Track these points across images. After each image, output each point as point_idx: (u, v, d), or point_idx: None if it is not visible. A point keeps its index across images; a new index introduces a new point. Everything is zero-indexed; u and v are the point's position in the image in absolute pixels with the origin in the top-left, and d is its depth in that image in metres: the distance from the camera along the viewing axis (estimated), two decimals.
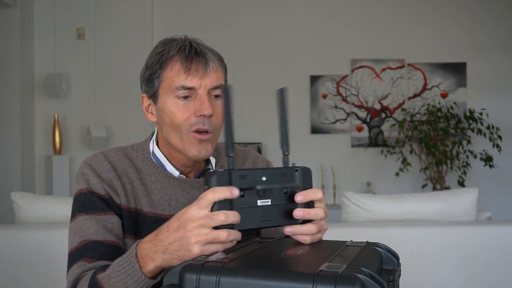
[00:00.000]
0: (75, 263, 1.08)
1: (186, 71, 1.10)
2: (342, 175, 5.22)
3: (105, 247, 1.10)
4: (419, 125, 4.93)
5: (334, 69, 5.30)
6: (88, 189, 1.14)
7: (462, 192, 2.57)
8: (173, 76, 1.11)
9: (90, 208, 1.13)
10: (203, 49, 1.13)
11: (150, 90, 1.16)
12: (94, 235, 1.10)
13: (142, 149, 1.22)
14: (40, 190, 4.94)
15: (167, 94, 1.12)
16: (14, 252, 2.34)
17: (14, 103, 4.68)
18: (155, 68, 1.13)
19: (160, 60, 1.12)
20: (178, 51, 1.12)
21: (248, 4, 5.31)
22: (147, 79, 1.16)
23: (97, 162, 1.17)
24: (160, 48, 1.14)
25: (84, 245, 1.09)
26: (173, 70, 1.11)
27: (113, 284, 0.97)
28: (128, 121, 4.92)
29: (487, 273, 2.37)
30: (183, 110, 1.11)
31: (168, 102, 1.12)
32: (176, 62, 1.11)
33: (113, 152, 1.20)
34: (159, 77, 1.13)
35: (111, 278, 0.98)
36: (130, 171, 1.18)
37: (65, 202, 2.51)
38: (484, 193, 3.22)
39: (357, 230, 2.39)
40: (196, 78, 1.10)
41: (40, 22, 4.98)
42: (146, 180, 1.18)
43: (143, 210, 1.17)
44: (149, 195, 1.17)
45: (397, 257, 0.94)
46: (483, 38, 5.26)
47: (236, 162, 1.30)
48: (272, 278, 0.76)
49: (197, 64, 1.11)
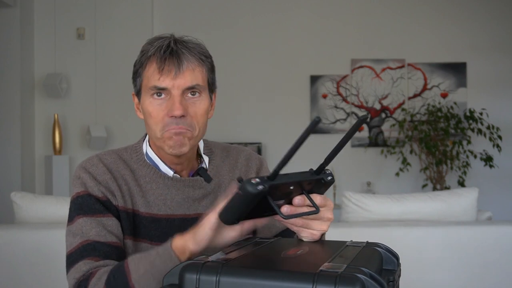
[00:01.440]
0: (78, 261, 1.07)
1: (160, 71, 1.11)
2: (342, 175, 5.22)
3: (108, 247, 1.09)
4: (419, 125, 4.93)
5: (334, 69, 5.30)
6: (85, 192, 1.14)
7: (462, 192, 2.57)
8: (149, 76, 1.13)
9: (89, 210, 1.12)
10: (181, 49, 1.12)
11: (135, 88, 1.19)
12: (95, 237, 1.10)
13: (136, 151, 1.23)
14: (40, 190, 4.94)
15: (145, 93, 1.14)
16: (14, 252, 2.34)
17: (14, 103, 4.68)
18: (137, 67, 1.17)
19: (141, 60, 1.15)
20: (155, 51, 1.12)
21: (248, 4, 5.31)
22: (132, 78, 1.19)
23: (92, 165, 1.17)
24: (144, 47, 1.16)
25: (86, 245, 1.09)
26: (149, 70, 1.13)
27: (137, 263, 0.98)
28: (128, 121, 4.91)
29: (487, 273, 2.37)
30: (158, 110, 1.12)
31: (146, 101, 1.14)
32: (152, 62, 1.13)
33: (107, 155, 1.21)
34: (140, 76, 1.16)
35: (141, 260, 0.99)
36: (125, 173, 1.18)
37: (65, 202, 2.51)
38: (484, 193, 3.21)
39: (357, 230, 2.39)
40: (168, 79, 1.11)
41: (40, 22, 4.97)
42: (141, 181, 1.19)
43: (140, 211, 1.17)
44: (144, 196, 1.17)
45: (397, 257, 0.94)
46: (483, 38, 5.26)
47: (229, 161, 1.29)
48: (272, 278, 0.76)
49: (170, 64, 1.11)
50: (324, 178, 0.96)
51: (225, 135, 4.89)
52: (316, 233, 0.97)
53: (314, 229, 0.97)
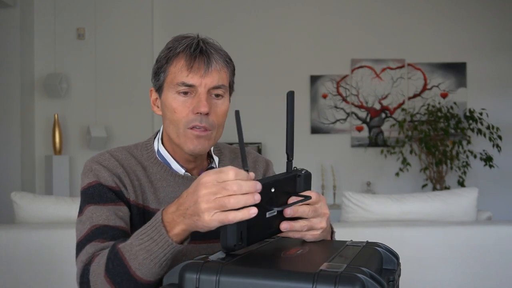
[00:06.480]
0: (86, 245, 1.06)
1: (189, 68, 1.13)
2: (342, 175, 5.22)
3: (117, 231, 1.08)
4: (419, 125, 4.93)
5: (334, 69, 5.29)
6: (97, 182, 1.13)
7: (462, 192, 2.57)
8: (176, 72, 1.14)
9: (100, 199, 1.12)
10: (209, 49, 1.15)
11: (157, 84, 1.19)
12: (105, 221, 1.09)
13: (147, 148, 1.24)
14: (40, 190, 4.93)
15: (170, 89, 1.15)
16: (14, 252, 2.34)
17: (14, 103, 4.67)
18: (162, 63, 1.16)
19: (167, 55, 1.16)
20: (184, 48, 1.14)
21: (248, 4, 5.31)
22: (155, 73, 1.19)
23: (104, 160, 1.17)
24: (170, 44, 1.17)
25: (95, 229, 1.08)
26: (177, 66, 1.14)
27: (135, 253, 0.95)
28: (128, 121, 4.91)
29: (487, 273, 2.37)
30: (183, 106, 1.14)
31: (170, 97, 1.15)
32: (180, 59, 1.14)
33: (118, 151, 1.21)
34: (165, 72, 1.16)
35: (133, 247, 0.95)
36: (136, 168, 1.19)
37: (65, 202, 2.51)
38: (484, 193, 3.21)
39: (357, 230, 2.39)
40: (197, 76, 1.13)
41: (40, 22, 4.97)
42: (152, 178, 1.20)
43: (150, 207, 1.17)
44: (155, 193, 1.19)
45: (397, 257, 0.94)
46: (483, 38, 5.26)
47: (237, 162, 1.32)
48: (272, 278, 0.76)
49: (200, 62, 1.13)
50: (299, 173, 0.98)
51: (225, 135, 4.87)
52: (317, 232, 1.00)
53: (316, 228, 1.00)
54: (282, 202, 0.95)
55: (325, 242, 1.01)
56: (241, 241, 0.86)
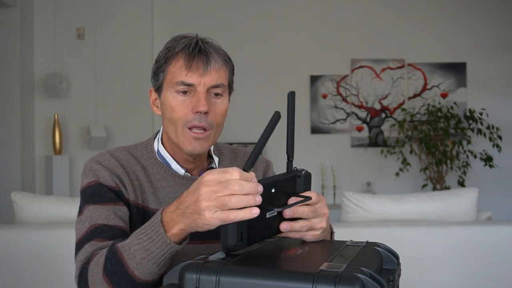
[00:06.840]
0: (85, 245, 1.06)
1: (187, 67, 1.13)
2: (342, 175, 5.22)
3: (116, 230, 1.08)
4: (419, 125, 4.93)
5: (334, 69, 5.29)
6: (97, 181, 1.14)
7: (462, 192, 2.57)
8: (175, 72, 1.14)
9: (99, 199, 1.12)
10: (208, 48, 1.15)
11: (156, 84, 1.19)
12: (104, 220, 1.09)
13: (147, 148, 1.24)
14: (40, 190, 4.93)
15: (169, 88, 1.15)
16: (14, 252, 2.34)
17: (14, 103, 4.67)
18: (161, 62, 1.17)
19: (166, 55, 1.16)
20: (183, 48, 1.14)
21: (248, 4, 5.31)
22: (154, 73, 1.19)
23: (104, 160, 1.18)
24: (169, 44, 1.17)
25: (94, 229, 1.08)
26: (176, 65, 1.14)
27: (133, 252, 0.95)
28: (128, 121, 4.91)
29: (487, 273, 2.37)
30: (182, 105, 1.14)
31: (169, 96, 1.15)
32: (179, 59, 1.14)
33: (117, 151, 1.22)
34: (164, 72, 1.16)
35: (132, 246, 0.95)
36: (136, 168, 1.19)
37: (65, 202, 2.51)
38: (484, 193, 3.21)
39: (357, 230, 2.39)
40: (196, 75, 1.13)
41: (40, 22, 4.97)
42: (152, 178, 1.20)
43: (150, 207, 1.18)
44: (155, 193, 1.19)
45: (397, 257, 0.94)
46: (483, 38, 5.26)
47: (237, 162, 1.31)
48: (272, 278, 0.76)
49: (198, 62, 1.13)
50: (298, 173, 0.99)
51: (225, 135, 4.88)
52: (317, 232, 1.00)
53: (315, 228, 1.00)
54: (282, 203, 0.95)
55: (325, 242, 1.01)
56: (241, 241, 0.86)
